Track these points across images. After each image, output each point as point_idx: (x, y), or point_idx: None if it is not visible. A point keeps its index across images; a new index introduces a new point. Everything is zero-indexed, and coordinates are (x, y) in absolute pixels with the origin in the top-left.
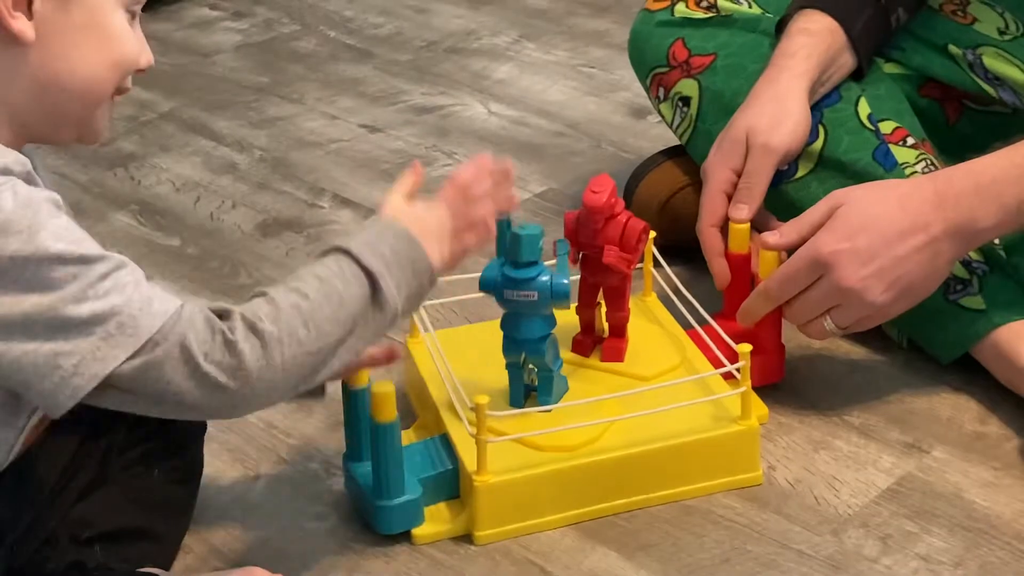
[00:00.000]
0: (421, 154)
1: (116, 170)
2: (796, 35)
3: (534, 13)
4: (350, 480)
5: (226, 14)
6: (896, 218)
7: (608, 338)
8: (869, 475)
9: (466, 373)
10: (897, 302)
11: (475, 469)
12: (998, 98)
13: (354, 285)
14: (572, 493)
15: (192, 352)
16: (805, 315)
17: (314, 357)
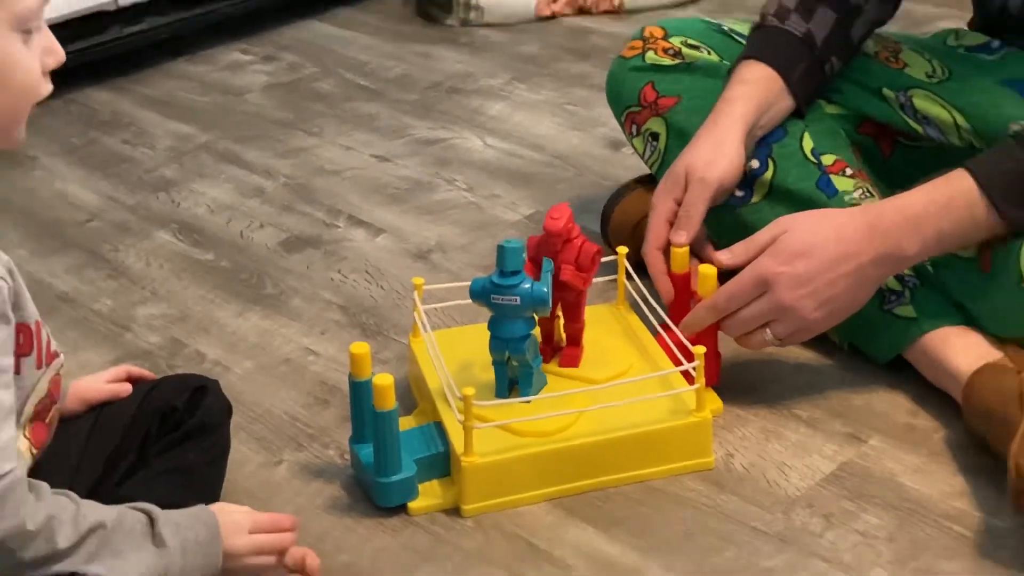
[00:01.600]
0: (426, 180)
1: (159, 194)
2: (736, 84)
3: (524, 58)
4: (355, 459)
5: (256, 58)
6: (831, 247)
7: (566, 347)
8: (814, 461)
9: (458, 368)
10: (827, 319)
11: (463, 451)
12: (925, 135)
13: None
14: (548, 473)
15: None
16: (746, 327)
17: None
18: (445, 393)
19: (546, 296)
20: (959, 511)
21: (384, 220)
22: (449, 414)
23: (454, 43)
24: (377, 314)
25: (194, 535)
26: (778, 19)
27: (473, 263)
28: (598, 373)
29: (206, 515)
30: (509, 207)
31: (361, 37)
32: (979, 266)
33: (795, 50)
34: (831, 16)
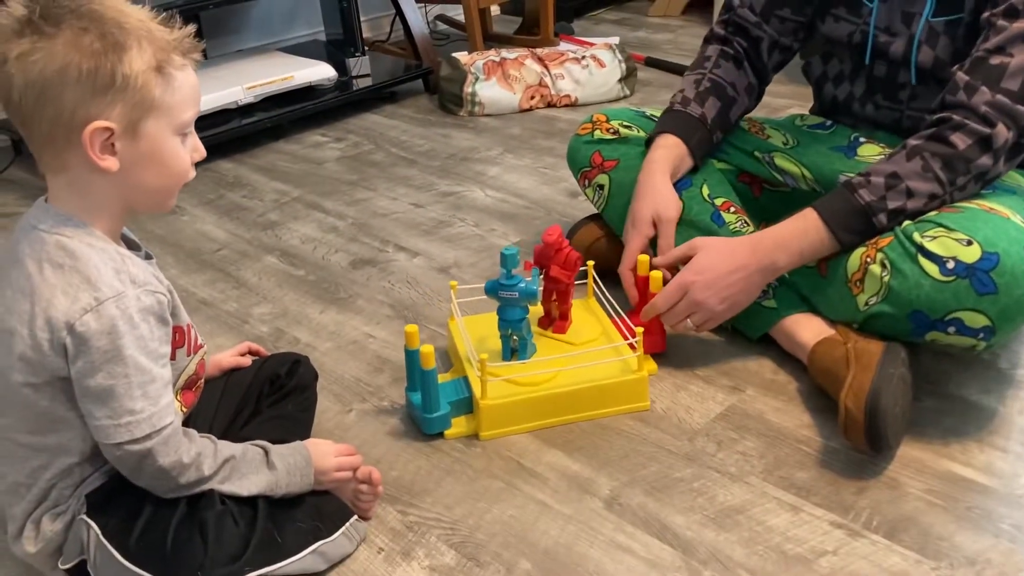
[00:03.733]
0: (446, 220)
1: (267, 231)
2: (656, 148)
3: (511, 137)
4: (409, 402)
5: (331, 139)
6: (726, 262)
7: (557, 320)
8: (708, 405)
9: (477, 341)
10: (728, 310)
11: (481, 396)
12: (783, 183)
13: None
14: (537, 412)
15: (155, 457)
16: (676, 318)
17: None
18: (469, 357)
19: (535, 292)
20: (807, 437)
21: (419, 247)
22: (471, 371)
23: (464, 127)
24: (415, 310)
25: (294, 461)
26: (682, 105)
27: (480, 275)
28: (574, 339)
29: (302, 448)
30: (502, 237)
31: (401, 124)
32: (819, 272)
33: (693, 126)
34: (717, 104)
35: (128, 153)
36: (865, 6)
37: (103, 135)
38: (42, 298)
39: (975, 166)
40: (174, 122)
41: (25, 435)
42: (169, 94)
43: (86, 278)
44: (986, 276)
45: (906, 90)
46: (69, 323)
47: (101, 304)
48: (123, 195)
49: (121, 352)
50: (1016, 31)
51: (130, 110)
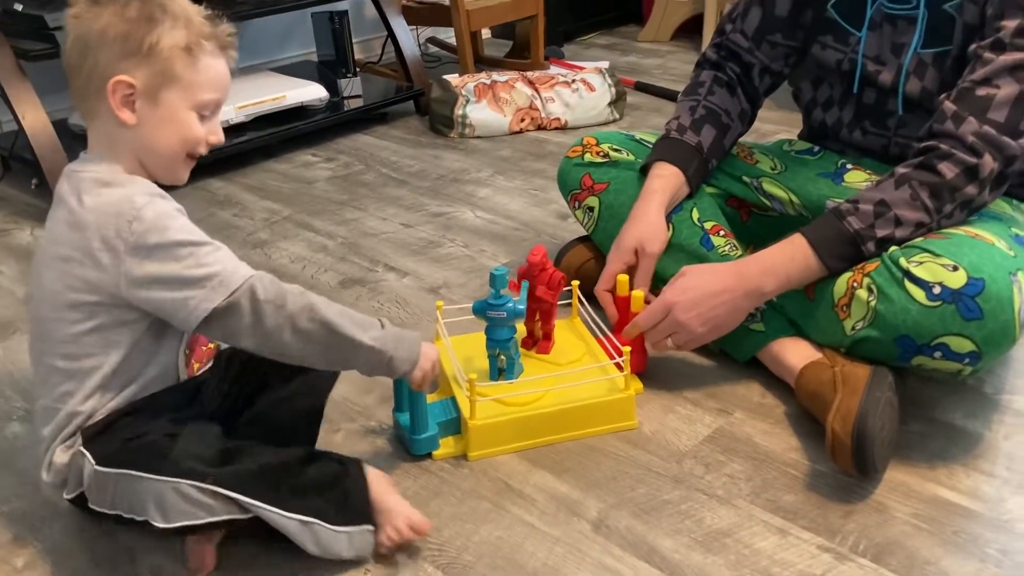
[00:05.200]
0: (436, 240)
1: (256, 250)
2: (655, 178)
3: (501, 159)
4: (396, 423)
5: (321, 158)
6: (712, 284)
7: (541, 340)
8: (696, 427)
9: (464, 361)
10: (711, 333)
11: (469, 416)
12: (771, 208)
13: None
14: (525, 432)
15: (257, 294)
16: (658, 337)
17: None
18: (457, 377)
19: (522, 311)
20: (795, 460)
21: (408, 267)
22: (459, 391)
23: (455, 149)
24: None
25: (406, 333)
26: (679, 133)
27: (469, 295)
28: (560, 359)
29: (416, 334)
30: (492, 258)
31: (392, 145)
32: (806, 296)
33: (690, 155)
34: (712, 132)
35: (145, 113)
36: (853, 35)
37: (125, 89)
38: (89, 224)
39: (962, 195)
40: (193, 99)
41: (62, 360)
42: (192, 73)
43: (123, 196)
44: (972, 302)
45: (894, 118)
46: (120, 235)
47: (141, 209)
48: (138, 150)
49: (174, 238)
50: (1002, 64)
51: (152, 76)
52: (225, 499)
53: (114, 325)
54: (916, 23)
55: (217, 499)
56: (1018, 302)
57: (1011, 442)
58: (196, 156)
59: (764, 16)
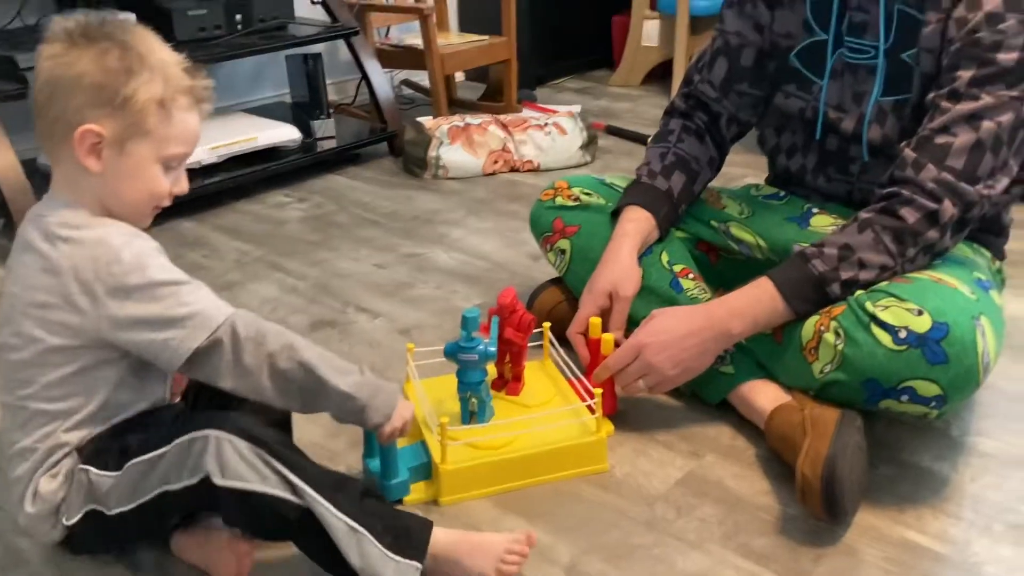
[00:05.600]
0: (408, 281)
1: (226, 291)
2: (627, 222)
3: (475, 200)
4: (366, 469)
5: (293, 199)
6: (681, 326)
7: (511, 382)
8: (668, 471)
9: (435, 404)
10: (681, 375)
11: (440, 461)
12: (739, 252)
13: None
14: (497, 476)
15: (238, 331)
16: (628, 379)
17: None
18: (427, 421)
19: (494, 354)
20: (766, 504)
21: (380, 308)
22: (430, 436)
23: (428, 190)
24: (375, 372)
25: (384, 384)
26: (649, 178)
27: (441, 337)
28: (531, 401)
29: (394, 386)
30: (464, 299)
31: (365, 185)
32: (774, 339)
33: (661, 200)
34: (682, 178)
35: (111, 163)
36: (815, 84)
37: (93, 138)
38: (65, 269)
39: (924, 239)
40: (161, 152)
41: (45, 403)
42: (164, 127)
43: (99, 238)
44: (937, 346)
45: (856, 164)
46: (100, 278)
47: (119, 250)
48: (103, 197)
49: (154, 278)
50: (959, 113)
51: (123, 128)
52: (279, 475)
53: (97, 365)
54: (875, 72)
55: (271, 470)
56: (981, 346)
57: (977, 484)
58: (161, 206)
59: (730, 66)
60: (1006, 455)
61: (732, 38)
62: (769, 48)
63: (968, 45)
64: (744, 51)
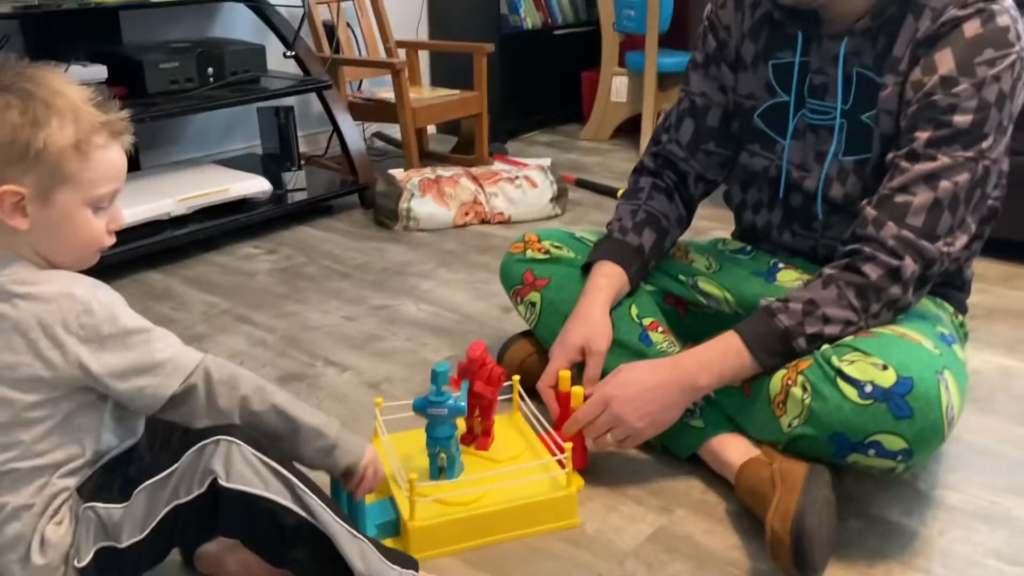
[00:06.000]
0: (378, 334)
1: (194, 343)
2: (600, 277)
3: (446, 252)
4: None
5: (263, 251)
6: (649, 378)
7: (480, 436)
8: (638, 526)
9: (403, 459)
10: (649, 428)
11: (409, 517)
12: (707, 305)
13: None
14: (467, 532)
15: (211, 375)
16: (597, 432)
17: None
18: (396, 477)
19: (464, 409)
20: (737, 559)
21: (349, 361)
22: (399, 492)
23: (399, 241)
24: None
25: (349, 434)
26: (621, 234)
27: (411, 390)
28: (500, 456)
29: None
30: (435, 351)
31: (335, 237)
32: (743, 392)
33: (632, 256)
34: (653, 235)
35: (39, 216)
36: (779, 143)
37: (13, 198)
38: (31, 326)
39: (886, 295)
40: (86, 196)
41: (34, 459)
42: (84, 170)
43: (60, 291)
44: (902, 400)
45: (820, 221)
46: (70, 330)
47: (88, 302)
48: (41, 251)
49: (126, 326)
50: (917, 172)
51: (42, 180)
52: (283, 480)
53: (79, 410)
54: (836, 133)
55: (275, 476)
56: (945, 400)
57: (945, 538)
58: (103, 247)
59: (696, 127)
60: (973, 508)
61: (698, 99)
62: (734, 109)
63: (924, 107)
64: (710, 112)
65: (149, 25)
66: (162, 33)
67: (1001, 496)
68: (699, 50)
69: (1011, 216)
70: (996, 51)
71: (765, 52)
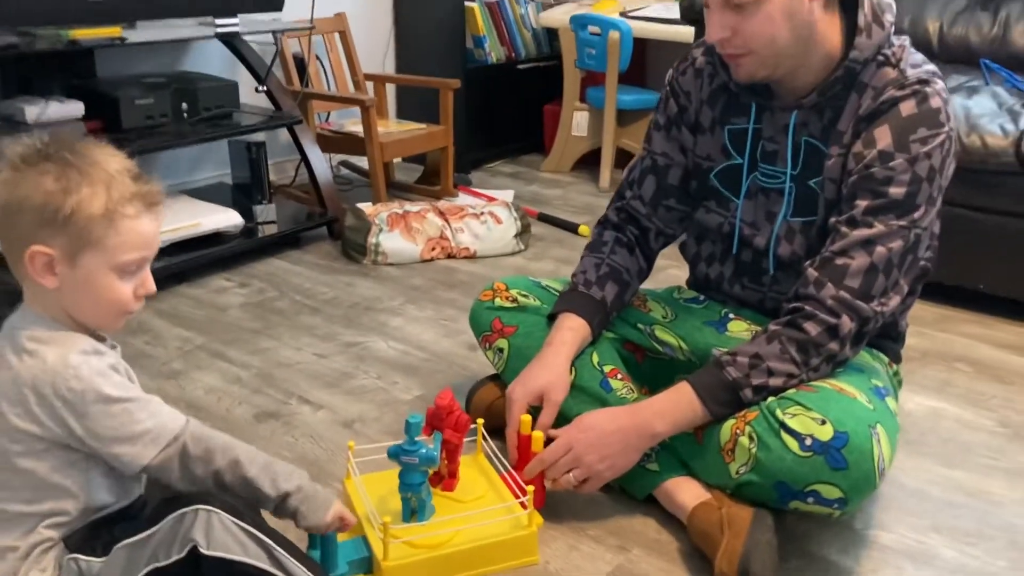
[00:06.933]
0: (350, 371)
1: (171, 380)
2: (565, 329)
3: (413, 287)
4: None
5: (235, 284)
6: (608, 425)
7: (446, 478)
8: (598, 564)
9: (378, 500)
10: (609, 470)
11: (382, 557)
12: (663, 352)
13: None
14: (434, 571)
15: (187, 450)
16: (558, 473)
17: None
18: (368, 517)
19: (435, 458)
20: None
21: (323, 399)
22: (371, 531)
23: (367, 276)
24: (318, 466)
25: (313, 498)
26: (585, 287)
27: (383, 429)
28: (465, 497)
29: (329, 495)
30: (404, 390)
31: (305, 271)
32: (696, 439)
33: (596, 308)
34: (615, 289)
35: (66, 277)
36: (733, 202)
37: (44, 258)
38: (26, 381)
39: (825, 350)
40: (112, 261)
41: (20, 504)
42: (111, 237)
43: (59, 355)
44: (838, 453)
45: (768, 276)
46: (58, 394)
47: (78, 368)
48: (67, 308)
49: (109, 396)
50: (856, 238)
51: (70, 243)
52: (260, 544)
53: (68, 464)
54: (785, 195)
55: (253, 541)
56: (877, 453)
57: None
58: (129, 312)
59: (658, 184)
60: (902, 547)
61: (660, 159)
62: (693, 168)
63: (864, 178)
64: (671, 171)
65: (123, 58)
66: (135, 66)
67: (928, 535)
68: (661, 113)
69: (945, 262)
70: (928, 130)
71: (722, 118)
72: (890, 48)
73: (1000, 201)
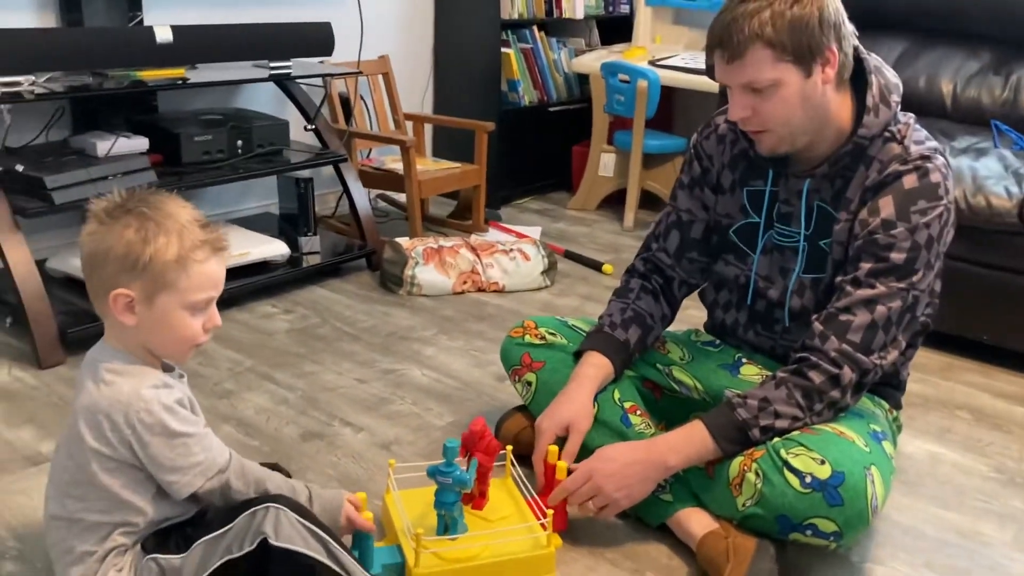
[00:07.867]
0: (387, 397)
1: (223, 400)
2: (590, 366)
3: (445, 319)
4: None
5: (280, 310)
6: (627, 456)
7: (477, 498)
8: None
9: (413, 515)
10: (626, 499)
11: (414, 565)
12: (680, 391)
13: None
14: None
15: (230, 484)
16: (579, 500)
17: None
18: (404, 529)
19: (468, 481)
20: None
21: (363, 422)
22: (406, 541)
23: (403, 306)
24: (360, 484)
25: (328, 492)
26: (611, 329)
27: (417, 452)
28: (492, 516)
29: (339, 495)
30: (437, 416)
31: (345, 299)
32: (707, 473)
33: (619, 349)
34: (638, 332)
35: (144, 316)
36: (750, 256)
37: (125, 299)
38: (102, 408)
39: (827, 397)
40: (184, 300)
41: (97, 514)
42: (183, 280)
43: (132, 388)
44: (835, 491)
45: (779, 325)
46: (128, 422)
47: (149, 402)
48: (143, 343)
49: (173, 431)
50: (858, 297)
51: (148, 286)
52: (319, 540)
53: (136, 481)
54: (798, 253)
55: (313, 537)
56: (871, 492)
57: None
58: (198, 344)
59: (682, 238)
60: None
61: (684, 215)
62: (714, 224)
63: (868, 243)
64: (694, 226)
65: (182, 95)
66: (193, 102)
67: (919, 571)
68: (686, 173)
69: (951, 314)
70: (928, 202)
71: (741, 180)
72: (896, 125)
73: (1003, 258)
